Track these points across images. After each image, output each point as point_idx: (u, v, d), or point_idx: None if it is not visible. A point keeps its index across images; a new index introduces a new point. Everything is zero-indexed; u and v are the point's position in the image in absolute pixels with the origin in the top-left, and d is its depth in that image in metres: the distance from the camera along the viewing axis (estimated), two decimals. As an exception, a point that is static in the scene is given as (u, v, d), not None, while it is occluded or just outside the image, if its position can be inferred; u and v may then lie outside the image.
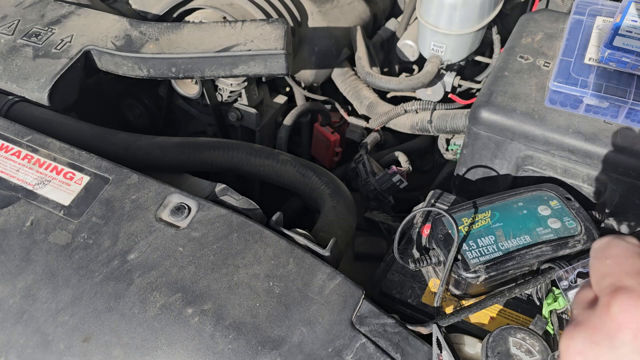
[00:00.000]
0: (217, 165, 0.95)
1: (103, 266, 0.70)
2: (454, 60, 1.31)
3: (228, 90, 1.25)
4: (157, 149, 0.92)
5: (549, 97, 0.86)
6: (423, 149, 1.41)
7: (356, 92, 1.39)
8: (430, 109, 1.28)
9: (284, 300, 0.67)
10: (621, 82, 0.82)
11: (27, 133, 0.85)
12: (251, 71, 1.00)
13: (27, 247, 0.73)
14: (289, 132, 1.31)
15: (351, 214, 0.90)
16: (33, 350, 0.66)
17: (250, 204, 0.81)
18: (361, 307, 0.67)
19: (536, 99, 0.89)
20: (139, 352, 0.64)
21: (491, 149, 0.93)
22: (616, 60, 0.78)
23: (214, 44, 1.00)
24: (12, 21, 1.07)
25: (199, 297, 0.67)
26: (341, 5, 1.41)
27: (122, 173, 0.79)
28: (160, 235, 0.73)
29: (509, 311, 0.73)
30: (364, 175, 1.20)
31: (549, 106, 0.87)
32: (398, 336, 0.65)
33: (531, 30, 1.03)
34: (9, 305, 0.69)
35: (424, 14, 1.26)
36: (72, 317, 0.67)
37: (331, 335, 0.64)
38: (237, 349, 0.63)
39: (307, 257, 0.71)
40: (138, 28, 1.04)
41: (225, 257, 0.70)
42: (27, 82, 0.96)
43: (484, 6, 1.21)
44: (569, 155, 0.86)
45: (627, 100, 0.80)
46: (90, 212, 0.76)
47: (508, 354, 0.61)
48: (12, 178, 0.80)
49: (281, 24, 1.01)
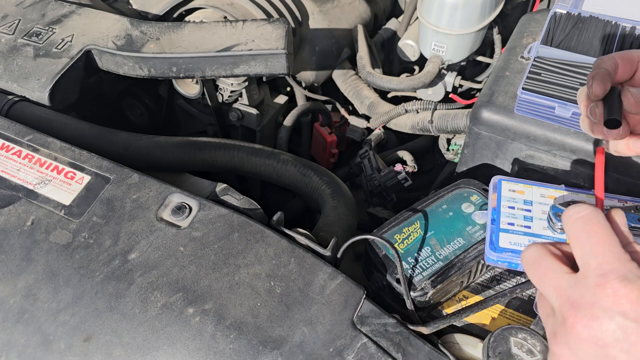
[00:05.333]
0: (218, 165, 0.95)
1: (104, 266, 0.70)
2: (455, 60, 1.31)
3: (229, 90, 1.25)
4: (158, 149, 0.92)
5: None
6: (424, 148, 1.41)
7: (357, 91, 1.39)
8: (431, 108, 1.28)
9: (285, 300, 0.67)
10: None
11: (28, 132, 0.85)
12: (252, 71, 1.00)
13: (27, 247, 0.73)
14: (289, 132, 1.31)
15: (352, 213, 0.90)
16: (34, 350, 0.66)
17: (251, 203, 0.80)
18: (362, 307, 0.67)
19: (537, 99, 0.89)
20: (139, 351, 0.64)
21: (492, 149, 0.93)
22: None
23: (214, 43, 0.99)
24: (12, 21, 1.07)
25: (200, 296, 0.67)
26: (342, 5, 1.41)
27: (123, 173, 0.79)
28: (161, 234, 0.73)
29: (510, 311, 0.73)
30: (369, 171, 1.21)
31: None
32: (399, 336, 0.65)
33: (532, 31, 1.02)
34: (9, 304, 0.69)
35: (425, 13, 1.26)
36: (72, 317, 0.67)
37: (332, 335, 0.64)
38: (238, 349, 0.63)
39: (308, 257, 0.71)
40: (139, 28, 1.04)
41: (227, 257, 0.70)
42: (27, 81, 0.96)
43: (485, 6, 1.21)
44: (571, 155, 0.86)
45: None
46: (91, 212, 0.75)
47: (509, 354, 0.61)
48: (12, 177, 0.80)
49: (282, 24, 1.01)
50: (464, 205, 0.80)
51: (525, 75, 0.85)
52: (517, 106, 0.87)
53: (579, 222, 0.44)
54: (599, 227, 0.43)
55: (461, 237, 0.76)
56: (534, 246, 0.47)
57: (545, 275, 0.44)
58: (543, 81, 0.84)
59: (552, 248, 0.46)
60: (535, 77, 0.85)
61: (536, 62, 0.86)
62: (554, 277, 0.43)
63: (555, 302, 0.43)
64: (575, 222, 0.44)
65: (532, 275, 0.46)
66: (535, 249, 0.46)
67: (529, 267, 0.47)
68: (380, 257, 0.75)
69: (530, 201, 0.67)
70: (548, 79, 0.84)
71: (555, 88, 0.83)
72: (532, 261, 0.46)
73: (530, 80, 0.84)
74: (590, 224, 0.43)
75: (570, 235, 0.45)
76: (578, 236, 0.44)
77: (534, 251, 0.46)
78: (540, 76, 0.85)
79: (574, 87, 0.83)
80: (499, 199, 0.68)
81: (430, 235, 0.76)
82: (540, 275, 0.45)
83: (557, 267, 0.44)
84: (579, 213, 0.44)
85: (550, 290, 0.44)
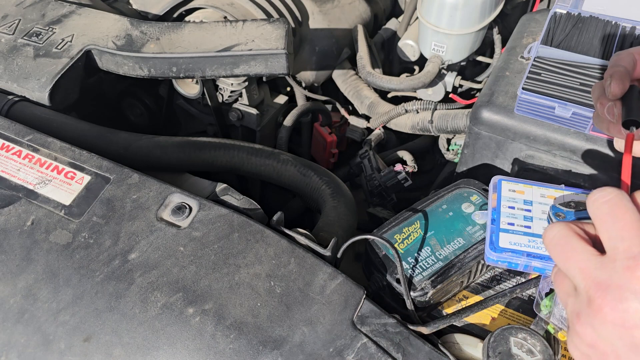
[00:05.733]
0: (218, 165, 0.95)
1: (104, 266, 0.70)
2: (455, 60, 1.31)
3: (229, 90, 1.25)
4: (158, 149, 0.92)
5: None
6: (424, 148, 1.41)
7: (357, 91, 1.39)
8: (431, 108, 1.28)
9: (285, 300, 0.67)
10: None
11: (28, 132, 0.85)
12: (252, 71, 1.00)
13: (27, 247, 0.73)
14: (289, 132, 1.31)
15: (352, 213, 0.90)
16: (34, 350, 0.66)
17: (251, 203, 0.81)
18: (362, 307, 0.67)
19: (537, 99, 0.89)
20: (139, 351, 0.64)
21: (492, 149, 0.93)
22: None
23: (214, 43, 1.00)
24: (12, 21, 1.07)
25: (200, 296, 0.67)
26: (342, 5, 1.41)
27: (123, 173, 0.79)
28: (161, 234, 0.73)
29: (510, 311, 0.73)
30: (369, 171, 1.21)
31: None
32: (399, 336, 0.65)
33: (532, 31, 1.03)
34: (9, 304, 0.69)
35: (425, 13, 1.26)
36: (72, 317, 0.67)
37: (332, 335, 0.64)
38: (238, 349, 0.63)
39: (308, 256, 0.71)
40: (139, 28, 1.04)
41: (227, 257, 0.70)
42: (27, 81, 0.96)
43: (485, 6, 1.21)
44: (571, 155, 0.86)
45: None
46: (91, 212, 0.75)
47: (509, 354, 0.61)
48: (12, 177, 0.80)
49: (282, 24, 1.01)
50: (464, 205, 0.80)
51: (525, 75, 0.85)
52: (517, 106, 0.87)
53: (604, 206, 0.44)
54: (625, 210, 0.43)
55: (461, 237, 0.76)
56: (558, 225, 0.47)
57: (571, 257, 0.44)
58: (543, 81, 0.84)
59: (576, 228, 0.46)
60: (535, 77, 0.85)
61: (536, 62, 0.86)
62: (581, 259, 0.43)
63: (581, 284, 0.43)
64: (601, 205, 0.44)
65: (555, 255, 0.46)
66: (560, 229, 0.46)
67: (553, 247, 0.46)
68: (380, 257, 0.75)
69: (530, 201, 0.67)
70: (548, 79, 0.84)
71: (555, 88, 0.83)
72: (557, 241, 0.46)
73: (530, 80, 0.84)
74: (616, 208, 0.43)
75: (596, 219, 0.45)
76: (604, 220, 0.44)
77: (558, 230, 0.46)
78: (540, 76, 0.85)
79: (574, 87, 0.83)
80: (499, 199, 0.68)
81: (430, 235, 0.76)
82: (565, 255, 0.45)
83: (584, 248, 0.44)
84: (604, 197, 0.44)
85: (575, 272, 0.44)
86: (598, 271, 0.42)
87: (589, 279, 0.42)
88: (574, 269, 0.44)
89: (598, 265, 0.42)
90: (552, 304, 0.63)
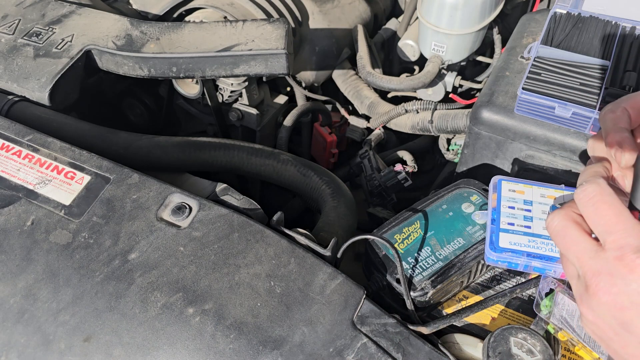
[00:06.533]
0: (218, 165, 0.95)
1: (104, 266, 0.70)
2: (455, 60, 1.31)
3: (229, 90, 1.25)
4: (158, 149, 0.92)
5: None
6: (424, 148, 1.41)
7: (357, 91, 1.39)
8: (431, 108, 1.28)
9: (285, 300, 0.67)
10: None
11: (28, 132, 0.85)
12: (252, 71, 1.00)
13: (27, 247, 0.73)
14: (289, 132, 1.31)
15: (352, 213, 0.90)
16: (34, 350, 0.66)
17: (251, 203, 0.80)
18: (362, 307, 0.67)
19: (537, 99, 0.89)
20: (139, 351, 0.64)
21: (492, 149, 0.93)
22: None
23: (214, 43, 1.00)
24: (12, 21, 1.07)
25: (200, 296, 0.67)
26: (342, 5, 1.41)
27: (123, 173, 0.79)
28: (161, 234, 0.73)
29: (510, 311, 0.73)
30: (369, 171, 1.21)
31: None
32: (399, 336, 0.65)
33: (532, 31, 1.03)
34: (9, 304, 0.69)
35: (425, 13, 1.26)
36: (72, 317, 0.67)
37: (332, 335, 0.64)
38: (238, 349, 0.63)
39: (308, 256, 0.71)
40: (139, 28, 1.04)
41: (226, 257, 0.70)
42: (27, 81, 0.96)
43: (485, 6, 1.21)
44: (571, 155, 0.86)
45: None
46: (91, 212, 0.75)
47: (509, 354, 0.61)
48: (12, 177, 0.80)
49: (282, 24, 1.01)
50: (464, 205, 0.80)
51: (525, 75, 0.85)
52: (517, 106, 0.87)
53: (589, 204, 0.47)
54: (608, 206, 0.46)
55: (461, 237, 0.76)
56: (559, 215, 0.50)
57: (570, 247, 0.49)
58: (543, 81, 0.84)
59: (575, 216, 0.49)
60: (535, 77, 0.85)
61: (536, 62, 0.86)
62: (578, 250, 0.48)
63: (580, 270, 0.48)
64: (586, 204, 0.48)
65: (558, 243, 0.51)
66: (560, 219, 0.50)
67: (555, 236, 0.50)
68: (380, 257, 0.75)
69: (530, 201, 0.67)
70: (548, 79, 0.84)
71: (555, 88, 0.83)
72: (558, 230, 0.50)
73: (530, 80, 0.84)
74: (599, 204, 0.47)
75: (585, 216, 0.48)
76: (591, 217, 0.47)
77: (559, 220, 0.50)
78: (540, 76, 0.84)
79: (574, 87, 0.83)
80: (499, 199, 0.68)
81: (430, 235, 0.76)
82: (565, 244, 0.49)
83: (580, 238, 0.48)
84: (587, 196, 0.48)
85: (574, 260, 0.48)
86: (592, 261, 0.46)
87: (585, 267, 0.47)
88: (573, 258, 0.48)
89: (592, 254, 0.46)
90: (552, 304, 0.63)
